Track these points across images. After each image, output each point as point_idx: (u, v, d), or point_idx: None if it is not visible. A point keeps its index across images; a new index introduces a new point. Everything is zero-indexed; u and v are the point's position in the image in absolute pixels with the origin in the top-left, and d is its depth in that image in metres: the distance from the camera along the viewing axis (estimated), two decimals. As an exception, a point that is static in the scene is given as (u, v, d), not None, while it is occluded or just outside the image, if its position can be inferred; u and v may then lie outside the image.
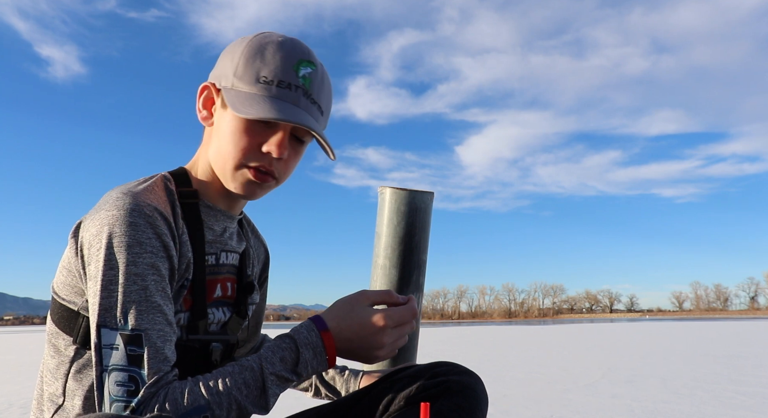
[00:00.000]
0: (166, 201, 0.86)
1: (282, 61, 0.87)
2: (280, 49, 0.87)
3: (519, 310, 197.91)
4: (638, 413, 3.75)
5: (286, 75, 0.86)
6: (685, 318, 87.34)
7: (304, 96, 0.88)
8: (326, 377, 1.14)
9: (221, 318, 0.96)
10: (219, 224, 0.95)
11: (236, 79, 0.87)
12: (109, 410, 0.73)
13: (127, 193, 0.81)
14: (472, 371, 0.91)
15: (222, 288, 0.96)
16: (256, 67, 0.86)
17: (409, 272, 1.57)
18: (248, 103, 0.84)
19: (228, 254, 0.98)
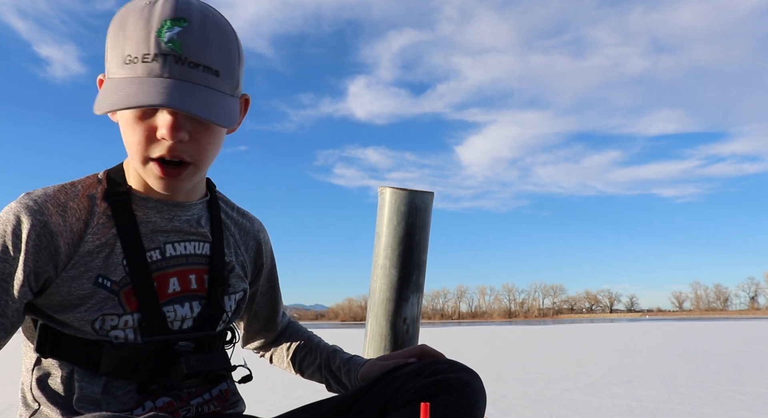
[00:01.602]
0: (72, 205, 0.84)
1: (142, 30, 0.74)
2: (141, 15, 0.75)
3: (519, 310, 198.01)
4: (638, 413, 3.75)
5: (149, 45, 0.74)
6: (685, 318, 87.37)
7: (177, 62, 0.75)
8: (333, 368, 1.12)
9: (186, 314, 0.90)
10: (161, 214, 0.90)
11: (108, 67, 0.78)
12: None
13: (26, 195, 0.83)
14: (470, 369, 0.91)
15: (181, 282, 0.90)
16: (120, 47, 0.76)
17: (409, 272, 1.57)
18: (108, 93, 0.75)
19: (180, 244, 0.91)
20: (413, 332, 1.59)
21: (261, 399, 4.66)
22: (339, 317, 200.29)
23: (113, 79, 0.77)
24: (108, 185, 0.88)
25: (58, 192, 0.84)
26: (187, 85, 0.75)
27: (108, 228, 0.85)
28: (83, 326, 0.83)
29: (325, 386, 1.14)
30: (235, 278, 0.99)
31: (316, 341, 1.18)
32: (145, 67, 0.74)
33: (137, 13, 0.75)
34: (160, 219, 0.90)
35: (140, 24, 0.75)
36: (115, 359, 0.85)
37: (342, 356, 1.12)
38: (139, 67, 0.74)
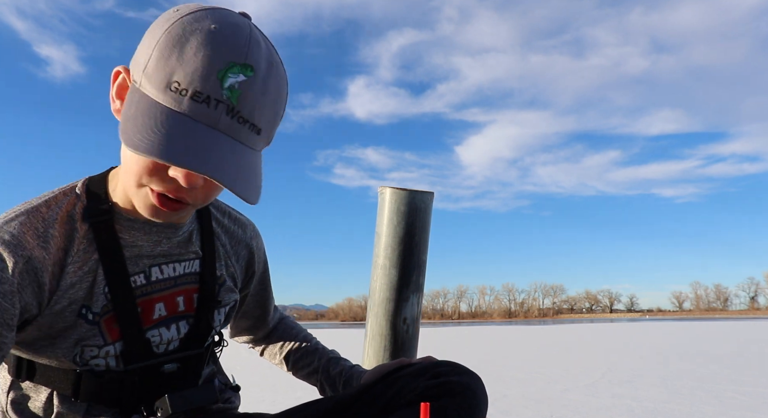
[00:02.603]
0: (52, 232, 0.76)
1: (204, 63, 0.65)
2: (206, 43, 0.65)
3: (519, 310, 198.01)
4: (638, 413, 3.75)
5: (206, 84, 0.65)
6: (685, 318, 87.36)
7: (228, 114, 0.66)
8: (332, 373, 1.11)
9: (172, 336, 0.86)
10: (149, 237, 0.83)
11: (144, 78, 0.67)
12: None
13: (4, 218, 0.75)
14: (472, 372, 0.90)
15: (167, 306, 0.86)
16: (170, 67, 0.65)
17: (409, 272, 1.57)
18: (141, 123, 0.65)
19: (168, 266, 0.86)
20: (413, 332, 1.59)
21: (261, 399, 4.66)
22: (339, 317, 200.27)
23: (146, 97, 0.66)
24: (88, 201, 0.80)
25: (34, 218, 0.75)
26: (229, 143, 0.67)
27: (89, 253, 0.78)
28: (60, 360, 0.79)
29: (318, 389, 1.13)
30: (225, 291, 0.96)
31: (313, 343, 1.17)
32: (193, 107, 0.65)
33: (202, 39, 0.65)
34: (147, 243, 0.83)
35: (203, 55, 0.65)
36: (96, 386, 0.81)
37: (344, 363, 1.12)
38: (186, 103, 0.65)
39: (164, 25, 0.68)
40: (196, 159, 0.64)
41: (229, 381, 1.03)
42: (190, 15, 0.68)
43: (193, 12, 0.68)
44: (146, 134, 0.64)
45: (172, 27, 0.67)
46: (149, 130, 0.64)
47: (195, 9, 0.69)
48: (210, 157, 0.65)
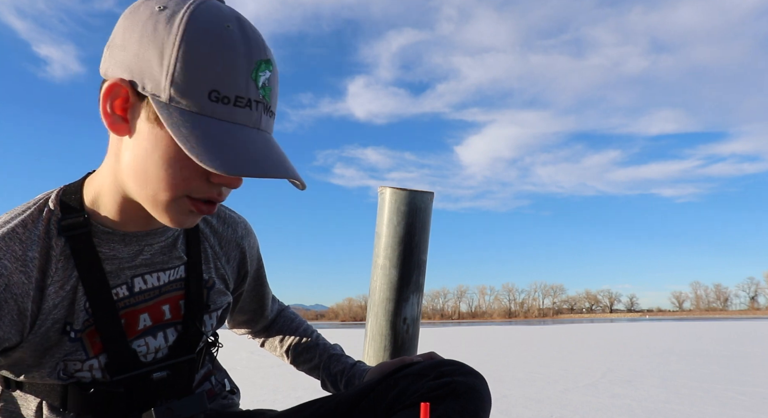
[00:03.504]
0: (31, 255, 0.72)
1: (238, 66, 0.64)
2: (233, 46, 0.64)
3: (519, 310, 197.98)
4: (638, 413, 3.75)
5: (246, 87, 0.65)
6: (685, 318, 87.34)
7: (266, 112, 0.68)
8: (333, 371, 1.10)
9: (160, 345, 0.84)
10: (129, 248, 0.79)
11: (175, 91, 0.62)
12: None
13: None
14: (477, 372, 0.89)
15: (152, 316, 0.83)
16: (205, 75, 0.62)
17: (409, 272, 1.57)
18: (208, 140, 0.62)
19: (152, 275, 0.83)
20: (413, 332, 1.59)
21: (261, 399, 4.66)
22: (339, 317, 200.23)
23: (188, 112, 0.63)
24: (62, 214, 0.75)
25: (11, 241, 0.71)
26: (271, 140, 0.69)
27: (69, 270, 0.75)
28: (44, 378, 0.78)
29: (320, 384, 1.13)
30: (216, 294, 0.92)
31: (314, 337, 1.16)
32: (243, 114, 0.65)
33: (226, 42, 0.64)
34: (128, 254, 0.80)
35: (233, 58, 0.64)
36: (83, 398, 0.79)
37: (345, 360, 1.10)
38: (236, 112, 0.64)
39: (170, 30, 0.63)
40: (273, 166, 0.64)
41: (227, 380, 1.03)
42: (188, 14, 0.64)
43: (190, 10, 0.64)
44: (221, 153, 0.62)
45: (185, 32, 0.62)
46: (217, 143, 0.62)
47: (187, 5, 0.65)
48: (276, 160, 0.66)
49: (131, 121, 0.67)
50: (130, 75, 0.65)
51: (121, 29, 0.67)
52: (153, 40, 0.63)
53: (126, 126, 0.68)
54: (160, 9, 0.65)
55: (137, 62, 0.64)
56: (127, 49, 0.65)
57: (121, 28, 0.67)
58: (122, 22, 0.67)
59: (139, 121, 0.67)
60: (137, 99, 0.66)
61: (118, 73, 0.66)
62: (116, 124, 0.68)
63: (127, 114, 0.67)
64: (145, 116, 0.66)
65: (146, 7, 0.66)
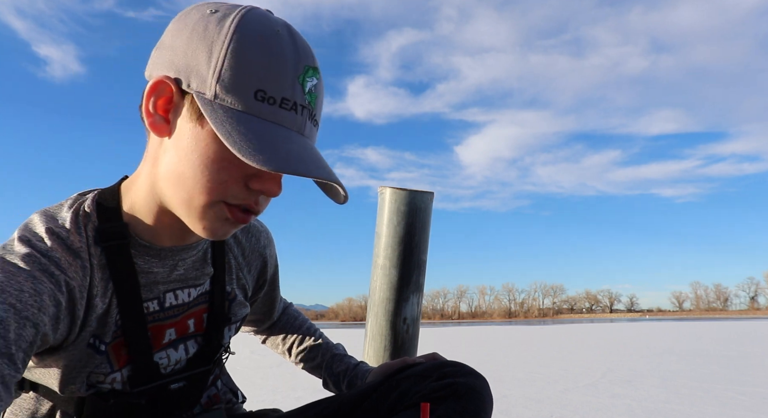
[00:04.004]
0: (69, 253, 0.68)
1: (286, 68, 0.64)
2: (284, 49, 0.64)
3: (519, 310, 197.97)
4: (638, 413, 3.74)
5: (292, 90, 0.64)
6: (685, 318, 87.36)
7: (310, 119, 0.67)
8: (335, 371, 1.10)
9: (180, 357, 0.83)
10: (164, 262, 0.76)
11: (221, 89, 0.62)
12: None
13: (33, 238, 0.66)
14: (479, 373, 0.89)
15: (178, 330, 0.82)
16: (252, 74, 0.62)
17: (409, 272, 1.57)
18: (253, 137, 0.61)
19: (183, 291, 0.81)
20: (413, 332, 1.59)
21: (261, 399, 4.66)
22: (339, 317, 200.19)
23: (232, 110, 0.62)
24: (99, 222, 0.72)
25: (63, 243, 0.68)
26: (317, 149, 0.68)
27: (106, 281, 0.71)
28: (64, 388, 0.74)
29: (322, 383, 1.13)
30: (237, 306, 0.91)
31: (317, 336, 1.16)
32: (287, 116, 0.64)
33: (277, 44, 0.64)
34: (163, 269, 0.77)
35: (282, 59, 0.63)
36: (100, 408, 0.77)
37: (348, 361, 1.11)
38: (281, 114, 0.64)
39: (222, 23, 0.63)
40: (317, 168, 0.63)
41: (232, 385, 1.02)
42: (244, 12, 0.64)
43: (241, 14, 0.64)
44: (264, 149, 0.60)
45: (237, 28, 0.63)
46: (261, 140, 0.61)
47: (238, 10, 0.65)
48: (320, 163, 0.65)
49: (173, 121, 0.66)
50: (176, 73, 0.64)
51: (171, 31, 0.66)
52: (203, 39, 0.63)
53: (167, 127, 0.66)
54: (211, 12, 0.65)
55: (184, 60, 0.64)
56: (175, 49, 0.65)
57: (171, 30, 0.66)
58: (172, 25, 0.67)
59: (181, 120, 0.65)
60: (180, 98, 0.65)
61: (164, 71, 0.65)
62: (157, 125, 0.66)
63: (169, 114, 0.66)
64: (187, 115, 0.65)
65: (197, 11, 0.66)
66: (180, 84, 0.64)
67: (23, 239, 0.66)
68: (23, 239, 0.66)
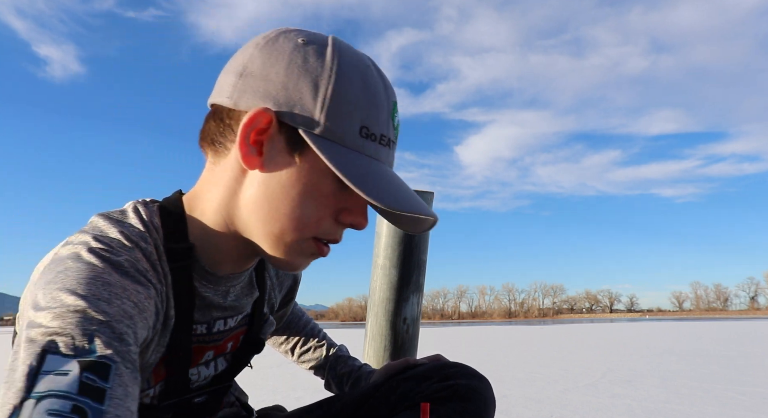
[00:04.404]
0: (151, 267, 0.64)
1: (382, 104, 0.64)
2: (375, 84, 0.65)
3: (519, 310, 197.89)
4: (638, 413, 3.75)
5: (387, 127, 0.65)
6: (685, 318, 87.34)
7: (394, 152, 0.69)
8: (338, 372, 1.10)
9: (210, 373, 0.82)
10: (218, 288, 0.74)
11: (328, 124, 0.61)
12: None
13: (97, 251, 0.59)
14: (481, 375, 0.88)
15: (216, 351, 0.81)
16: (356, 110, 0.62)
17: (409, 272, 1.57)
18: (365, 174, 0.60)
19: (232, 319, 0.79)
20: (413, 332, 1.59)
21: (261, 399, 4.66)
22: (339, 317, 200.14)
23: (338, 147, 0.61)
24: (167, 239, 0.67)
25: (142, 253, 0.63)
26: None
27: (170, 300, 0.68)
28: None
29: (324, 384, 1.14)
30: (267, 325, 0.92)
31: (321, 337, 1.16)
32: (383, 152, 0.65)
33: (371, 78, 0.64)
34: (217, 295, 0.75)
35: (378, 95, 0.64)
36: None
37: (352, 363, 1.11)
38: (380, 150, 0.64)
39: (323, 64, 0.62)
40: (426, 207, 0.64)
41: (241, 393, 1.02)
42: (338, 50, 0.64)
43: (337, 46, 0.64)
44: (380, 188, 0.60)
45: (339, 67, 0.62)
46: (378, 182, 0.61)
47: (332, 42, 0.65)
48: (422, 201, 0.66)
49: (266, 153, 0.63)
50: (276, 105, 0.62)
51: (260, 59, 0.63)
52: (305, 72, 0.62)
53: (259, 159, 0.63)
54: (304, 42, 0.64)
55: (285, 93, 0.62)
56: (270, 80, 0.62)
57: (259, 58, 0.63)
58: (259, 52, 0.64)
59: (277, 153, 0.63)
60: (278, 131, 0.63)
61: (260, 103, 0.62)
62: (250, 157, 0.63)
63: (263, 146, 0.63)
64: (284, 149, 0.63)
65: (287, 40, 0.64)
66: (281, 117, 0.62)
67: (106, 245, 0.60)
68: (106, 245, 0.60)
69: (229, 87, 0.65)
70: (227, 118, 0.65)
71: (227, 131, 0.65)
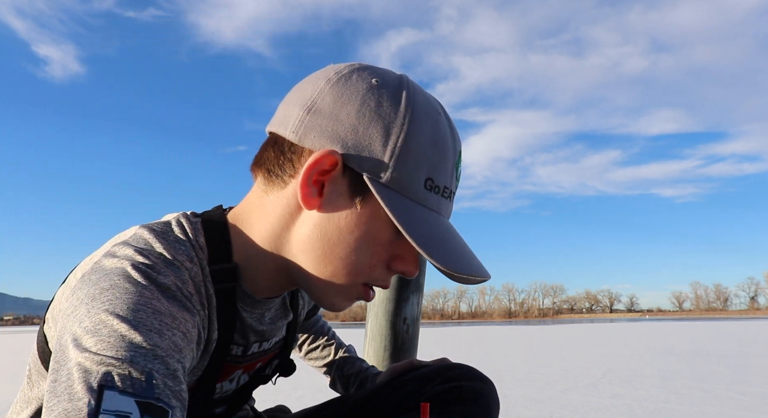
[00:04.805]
0: (195, 288, 0.61)
1: (448, 155, 0.63)
2: (445, 133, 0.63)
3: (519, 310, 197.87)
4: (638, 413, 3.75)
5: (451, 179, 0.64)
6: (685, 318, 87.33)
7: (452, 204, 0.67)
8: (345, 373, 1.11)
9: (232, 388, 0.80)
10: (256, 310, 0.73)
11: (397, 174, 0.59)
12: None
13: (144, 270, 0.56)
14: (485, 377, 0.87)
15: (245, 369, 0.80)
16: (424, 161, 0.60)
17: (409, 272, 1.57)
18: (434, 235, 0.60)
19: (267, 342, 0.78)
20: (413, 332, 1.59)
21: (262, 399, 4.66)
22: (339, 316, 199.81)
23: (402, 198, 0.60)
24: (210, 259, 0.65)
25: (185, 274, 0.61)
26: None
27: (213, 322, 0.66)
28: None
29: (329, 383, 1.14)
30: (295, 344, 0.92)
31: (330, 336, 1.17)
32: (444, 205, 0.64)
33: (441, 127, 0.63)
34: (252, 317, 0.73)
35: (446, 146, 0.62)
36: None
37: (359, 364, 1.11)
38: (441, 203, 0.63)
39: (397, 110, 0.60)
40: (483, 268, 0.63)
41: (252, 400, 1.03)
42: (412, 95, 0.62)
43: (411, 90, 0.62)
44: (445, 249, 0.59)
45: (412, 115, 0.60)
46: (441, 242, 0.60)
47: (405, 84, 0.63)
48: (476, 261, 0.64)
49: (327, 195, 0.61)
50: (343, 148, 0.59)
51: (330, 96, 0.61)
52: (378, 116, 0.60)
53: (319, 200, 0.61)
54: (377, 84, 0.61)
55: (354, 136, 0.59)
56: (340, 120, 0.60)
57: (330, 95, 0.61)
58: (330, 89, 0.61)
59: (338, 197, 0.61)
60: (341, 174, 0.60)
61: (326, 143, 0.60)
62: (310, 197, 0.61)
63: (323, 188, 0.61)
64: (346, 193, 0.61)
65: (360, 79, 0.62)
66: (347, 161, 0.60)
67: (153, 261, 0.58)
68: (153, 261, 0.58)
69: (294, 121, 0.62)
70: (289, 152, 0.63)
71: (287, 165, 0.63)
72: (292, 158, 0.62)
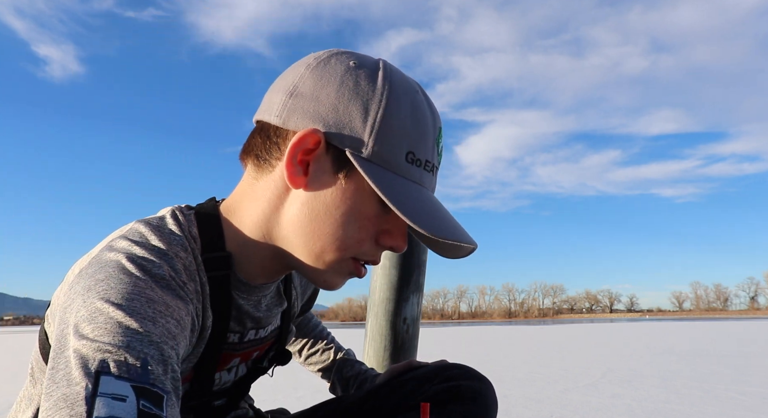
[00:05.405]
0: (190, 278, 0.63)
1: (428, 130, 0.65)
2: (423, 109, 0.65)
3: (519, 310, 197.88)
4: (638, 413, 3.75)
5: (432, 153, 0.66)
6: (685, 318, 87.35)
7: (436, 178, 0.69)
8: (345, 375, 1.11)
9: (231, 379, 0.82)
10: (251, 297, 0.74)
11: (377, 148, 0.61)
12: None
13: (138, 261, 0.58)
14: (483, 377, 0.88)
15: (242, 358, 0.81)
16: (404, 135, 0.62)
17: (409, 271, 1.57)
18: (416, 203, 0.61)
19: (263, 330, 0.80)
20: (413, 332, 1.59)
21: (263, 399, 4.66)
22: (339, 317, 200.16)
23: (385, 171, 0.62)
24: (204, 249, 0.67)
25: (180, 264, 0.62)
26: None
27: (207, 310, 0.67)
28: None
29: (329, 386, 1.14)
30: (290, 335, 0.92)
31: (329, 340, 1.17)
32: (427, 178, 0.66)
33: (422, 105, 0.65)
34: (248, 304, 0.75)
35: (425, 121, 0.65)
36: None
37: (359, 366, 1.12)
38: (424, 176, 0.66)
39: (374, 88, 0.63)
40: (467, 234, 0.65)
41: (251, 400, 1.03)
42: (389, 74, 0.64)
43: (388, 70, 0.65)
44: (426, 215, 0.61)
45: (390, 92, 0.63)
46: (424, 209, 0.62)
47: (382, 65, 0.65)
48: (464, 229, 0.66)
49: (312, 173, 0.63)
50: (325, 126, 0.62)
51: (311, 80, 0.64)
52: (356, 95, 0.62)
53: (304, 179, 0.63)
54: (355, 65, 0.64)
55: (335, 115, 0.62)
56: (321, 101, 0.62)
57: (310, 79, 0.64)
58: (310, 73, 0.64)
59: (323, 174, 0.63)
60: (325, 152, 0.63)
61: (308, 123, 0.62)
62: (296, 176, 0.63)
63: (309, 166, 0.63)
64: (330, 170, 0.63)
65: (339, 62, 0.65)
66: (329, 138, 0.62)
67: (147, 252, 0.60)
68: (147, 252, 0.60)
69: (278, 106, 0.65)
70: (274, 136, 0.65)
71: (273, 149, 0.65)
72: (278, 142, 0.65)
